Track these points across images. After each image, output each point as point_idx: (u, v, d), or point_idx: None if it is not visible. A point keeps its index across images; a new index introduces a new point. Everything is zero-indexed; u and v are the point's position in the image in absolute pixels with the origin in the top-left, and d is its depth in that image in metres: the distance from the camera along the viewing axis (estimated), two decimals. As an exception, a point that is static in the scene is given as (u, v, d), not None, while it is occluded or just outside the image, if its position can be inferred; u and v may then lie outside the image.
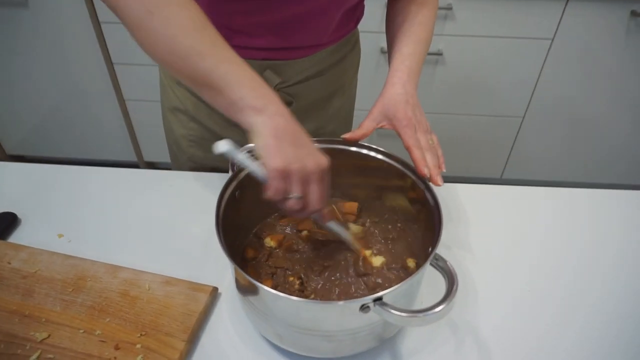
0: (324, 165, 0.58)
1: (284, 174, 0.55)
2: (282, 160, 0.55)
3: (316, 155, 0.58)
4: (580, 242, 0.85)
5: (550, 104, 1.85)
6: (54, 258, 0.78)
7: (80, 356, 0.65)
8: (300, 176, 0.56)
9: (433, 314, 0.52)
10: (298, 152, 0.56)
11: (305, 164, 0.56)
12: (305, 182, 0.57)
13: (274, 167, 0.55)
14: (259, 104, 0.56)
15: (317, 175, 0.57)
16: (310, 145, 0.59)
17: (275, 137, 0.56)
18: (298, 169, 0.55)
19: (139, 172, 0.99)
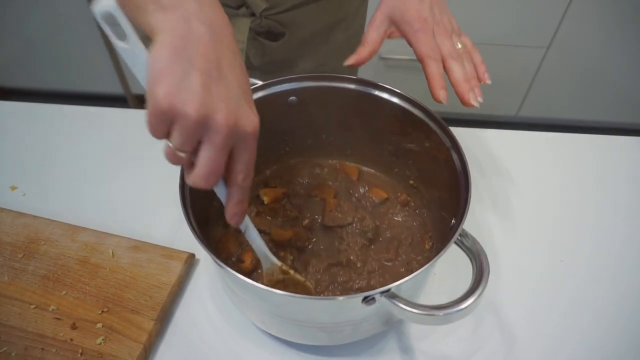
0: (246, 127, 0.37)
1: (168, 114, 0.34)
2: (172, 91, 0.34)
3: (241, 106, 0.36)
4: (621, 200, 0.72)
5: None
6: (3, 216, 0.66)
7: (31, 337, 0.55)
8: (189, 124, 0.34)
9: (457, 311, 0.41)
10: (209, 89, 0.35)
11: (212, 110, 0.35)
12: (198, 137, 0.36)
13: (154, 98, 0.34)
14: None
15: (223, 136, 0.35)
16: (238, 86, 0.37)
17: (176, 51, 0.34)
18: (193, 112, 0.34)
19: (107, 110, 0.84)
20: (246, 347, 0.56)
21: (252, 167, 0.40)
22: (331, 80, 0.58)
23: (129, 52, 0.36)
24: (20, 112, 0.84)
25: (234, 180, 0.40)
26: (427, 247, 0.58)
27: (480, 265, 0.43)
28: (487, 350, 0.56)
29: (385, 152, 0.64)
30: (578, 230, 0.68)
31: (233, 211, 0.42)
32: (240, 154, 0.38)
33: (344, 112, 0.60)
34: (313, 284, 0.55)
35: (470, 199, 0.47)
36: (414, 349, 0.56)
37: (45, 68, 1.97)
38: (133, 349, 0.54)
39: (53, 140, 0.79)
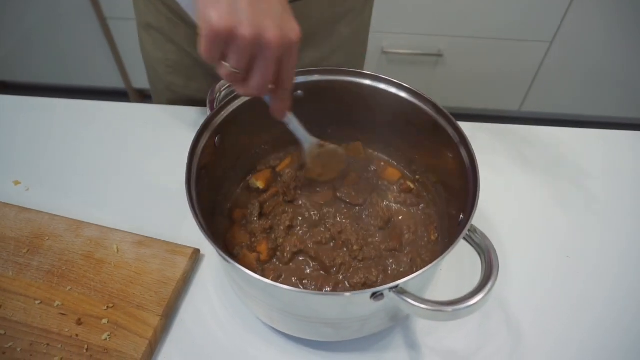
0: (291, 37, 0.40)
1: (223, 36, 0.37)
2: (225, 15, 0.36)
3: (283, 19, 0.39)
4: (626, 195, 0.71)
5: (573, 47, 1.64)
6: (6, 211, 0.66)
7: (36, 332, 0.55)
8: (245, 45, 0.38)
9: (466, 308, 0.40)
10: (256, 9, 0.37)
11: (263, 28, 0.38)
12: (252, 54, 0.39)
13: (208, 23, 0.37)
14: None
15: (274, 50, 0.39)
16: (279, 3, 0.40)
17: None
18: (247, 33, 0.37)
19: (111, 105, 0.84)
20: (252, 342, 0.56)
21: (295, 69, 0.44)
22: (338, 74, 0.57)
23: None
24: (23, 107, 0.83)
25: (282, 83, 0.44)
26: (433, 238, 0.58)
27: (489, 261, 0.43)
28: (493, 346, 0.56)
29: (391, 146, 0.64)
30: (584, 226, 0.68)
31: (279, 108, 0.47)
32: (287, 62, 0.42)
33: (350, 106, 0.60)
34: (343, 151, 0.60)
35: (478, 199, 0.46)
36: (420, 345, 0.56)
37: (46, 62, 1.96)
38: (139, 344, 0.53)
39: (56, 134, 0.79)
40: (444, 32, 1.66)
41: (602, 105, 1.89)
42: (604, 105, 1.89)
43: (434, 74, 1.79)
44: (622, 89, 1.81)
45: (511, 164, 0.75)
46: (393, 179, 0.64)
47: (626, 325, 0.58)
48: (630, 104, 1.88)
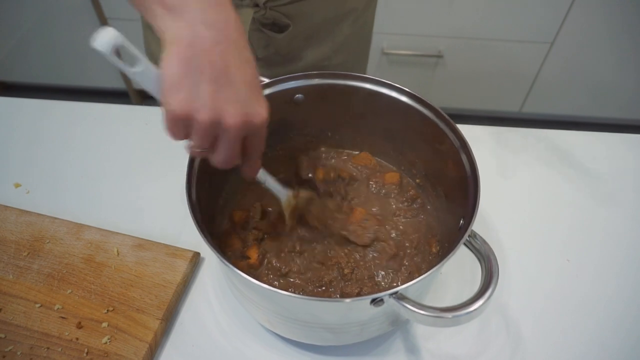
0: (255, 121, 0.41)
1: (182, 120, 0.38)
2: (184, 101, 0.37)
3: (247, 104, 0.40)
4: (627, 198, 0.71)
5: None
6: (7, 214, 0.66)
7: (36, 336, 0.55)
8: (204, 129, 0.39)
9: (466, 314, 0.40)
10: (218, 95, 0.38)
11: (222, 114, 0.38)
12: (212, 137, 0.40)
13: (169, 108, 0.38)
14: (172, 0, 0.37)
15: (234, 133, 0.40)
16: (246, 85, 0.39)
17: (185, 61, 0.37)
18: (205, 119, 0.38)
19: (111, 107, 0.84)
20: (252, 346, 0.56)
21: (263, 145, 0.46)
22: (338, 78, 0.57)
23: (142, 74, 0.39)
24: (24, 109, 0.83)
25: (249, 157, 0.47)
26: (434, 250, 0.58)
27: (489, 267, 0.43)
28: (493, 351, 0.56)
29: (391, 150, 0.64)
30: (584, 229, 0.68)
31: (248, 172, 0.50)
32: (252, 140, 0.44)
33: (350, 110, 0.60)
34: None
35: (479, 205, 0.46)
36: (420, 349, 0.56)
37: (46, 63, 1.96)
38: (139, 348, 0.54)
39: (57, 137, 0.79)
40: (444, 33, 1.66)
41: (602, 106, 1.89)
42: (605, 106, 1.89)
43: (434, 75, 1.79)
44: (623, 90, 1.81)
45: (511, 167, 0.75)
46: (393, 181, 0.64)
47: (627, 329, 0.58)
48: (631, 106, 1.88)
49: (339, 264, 0.56)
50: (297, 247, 0.57)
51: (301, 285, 0.55)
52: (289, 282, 0.55)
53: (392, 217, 0.61)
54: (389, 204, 0.62)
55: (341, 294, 0.54)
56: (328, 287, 0.55)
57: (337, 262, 0.56)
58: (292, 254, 0.57)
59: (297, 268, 0.56)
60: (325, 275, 0.55)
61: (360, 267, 0.56)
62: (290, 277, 0.55)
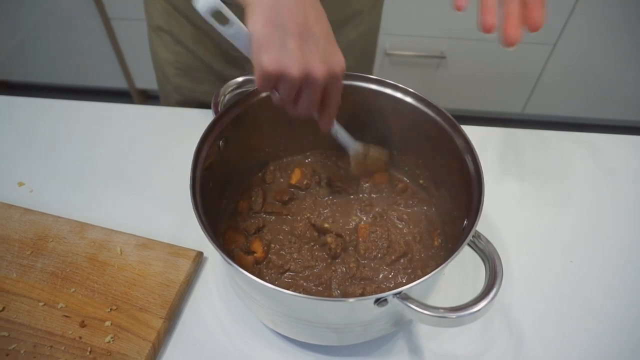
0: (335, 70, 0.44)
1: (274, 77, 0.42)
2: (275, 59, 0.41)
3: (328, 54, 0.43)
4: (630, 200, 0.71)
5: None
6: (11, 212, 0.66)
7: (40, 334, 0.55)
8: (294, 83, 0.43)
9: (470, 314, 0.40)
10: (303, 48, 0.41)
11: (309, 68, 0.42)
12: (301, 89, 0.44)
13: (261, 66, 0.41)
14: None
15: (320, 83, 0.44)
16: (324, 37, 0.43)
17: (271, 22, 0.41)
18: (296, 74, 0.42)
19: (115, 106, 0.84)
20: (255, 346, 0.56)
21: (340, 93, 0.48)
22: (344, 78, 0.57)
23: (234, 34, 0.43)
24: (27, 108, 0.83)
25: (328, 107, 0.49)
26: (436, 243, 0.58)
27: (493, 267, 0.43)
28: (496, 351, 0.56)
29: (395, 151, 0.64)
30: (587, 231, 0.67)
31: (326, 124, 0.52)
32: (332, 90, 0.47)
33: (355, 110, 0.60)
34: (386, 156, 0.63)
35: (482, 206, 0.46)
36: (422, 349, 0.56)
37: (49, 62, 1.96)
38: (142, 347, 0.54)
39: (60, 136, 0.79)
40: (447, 34, 1.66)
41: (605, 108, 1.89)
42: (607, 108, 1.88)
43: (437, 75, 1.79)
44: (625, 92, 1.81)
45: (514, 168, 0.75)
46: (383, 181, 0.64)
47: (630, 330, 0.58)
48: (634, 107, 1.87)
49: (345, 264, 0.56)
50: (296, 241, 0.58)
51: (302, 284, 0.55)
52: (290, 280, 0.55)
53: (391, 212, 0.61)
54: (384, 201, 0.63)
55: (343, 294, 0.54)
56: (329, 285, 0.55)
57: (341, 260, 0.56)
58: (293, 249, 0.57)
59: (296, 266, 0.56)
60: (325, 274, 0.55)
61: (364, 266, 0.56)
62: (291, 272, 0.55)
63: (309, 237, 0.58)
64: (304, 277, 0.55)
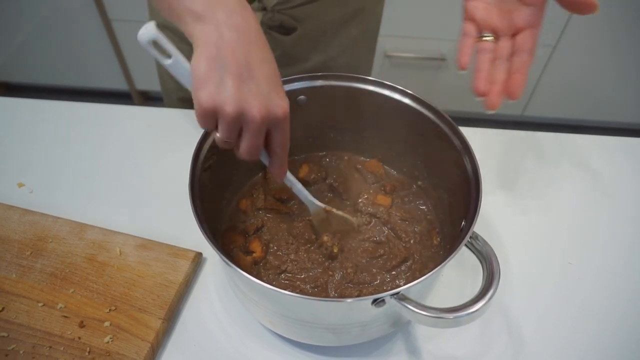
0: (276, 114, 0.44)
1: (210, 113, 0.42)
2: (211, 95, 0.41)
3: (269, 97, 0.43)
4: (629, 202, 0.71)
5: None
6: (10, 213, 0.66)
7: (39, 335, 0.55)
8: (230, 121, 0.42)
9: (467, 315, 0.40)
10: (241, 89, 0.42)
11: (246, 107, 0.42)
12: (237, 128, 0.44)
13: (198, 101, 0.42)
14: (199, 6, 0.42)
15: (258, 125, 0.43)
16: (266, 80, 0.43)
17: (212, 59, 0.41)
18: (230, 112, 0.42)
19: (114, 108, 0.84)
20: (253, 347, 0.56)
21: (288, 140, 0.48)
22: (342, 80, 0.57)
23: (175, 66, 0.43)
24: (27, 109, 0.83)
25: (273, 152, 0.49)
26: (435, 242, 0.58)
27: (491, 268, 0.43)
28: (494, 352, 0.56)
29: (393, 152, 0.64)
30: (586, 232, 0.68)
31: (277, 173, 0.51)
32: (275, 133, 0.46)
33: (353, 111, 0.60)
34: (355, 221, 0.60)
35: (480, 208, 0.47)
36: (421, 350, 0.56)
37: (50, 64, 1.97)
38: (141, 347, 0.54)
39: (60, 137, 0.79)
40: (447, 36, 1.66)
41: (604, 110, 1.89)
42: (606, 110, 1.89)
43: (437, 77, 1.79)
44: (625, 94, 1.81)
45: (513, 170, 0.75)
46: (376, 170, 0.65)
47: (628, 331, 0.58)
48: (633, 110, 1.87)
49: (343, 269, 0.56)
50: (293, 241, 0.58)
51: (299, 285, 0.55)
52: (287, 281, 0.56)
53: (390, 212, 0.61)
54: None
55: (340, 296, 0.54)
56: (325, 288, 0.55)
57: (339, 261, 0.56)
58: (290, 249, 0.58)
59: (293, 267, 0.56)
60: (322, 277, 0.55)
61: (361, 270, 0.56)
62: (288, 273, 0.56)
63: (307, 239, 0.58)
64: (300, 279, 0.56)
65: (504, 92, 0.51)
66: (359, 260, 0.57)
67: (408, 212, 0.61)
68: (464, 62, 0.54)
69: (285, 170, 0.52)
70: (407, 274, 0.56)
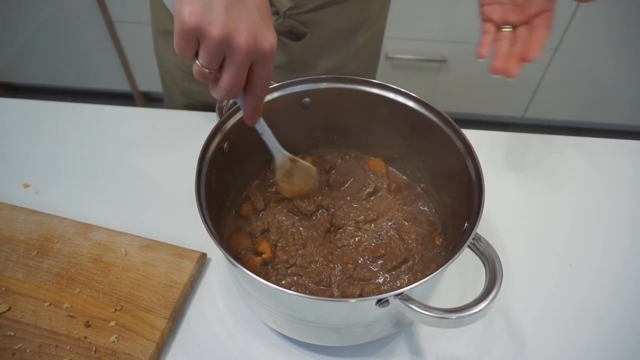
0: (263, 46, 0.40)
1: (193, 33, 0.38)
2: (197, 12, 0.37)
3: (258, 27, 0.40)
4: (630, 204, 0.72)
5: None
6: (16, 213, 0.67)
7: (45, 334, 0.56)
8: (214, 45, 0.38)
9: (469, 315, 0.41)
10: (230, 12, 0.38)
11: (233, 31, 0.38)
12: (220, 56, 0.40)
13: (181, 18, 0.38)
14: None
15: (243, 55, 0.39)
16: (257, 9, 0.40)
17: None
18: (216, 34, 0.38)
19: (119, 109, 0.85)
20: (257, 347, 0.56)
21: (269, 81, 0.44)
22: (345, 82, 0.58)
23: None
24: (33, 110, 0.84)
25: (253, 91, 0.44)
26: (437, 243, 0.59)
27: (493, 269, 0.44)
28: (496, 353, 0.56)
29: (396, 154, 0.65)
30: (587, 234, 0.68)
31: (250, 114, 0.47)
32: (259, 70, 0.42)
33: (357, 114, 0.61)
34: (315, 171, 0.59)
35: (482, 210, 0.47)
36: (423, 351, 0.56)
37: (52, 65, 1.97)
38: (146, 347, 0.54)
39: (65, 138, 0.80)
40: (448, 38, 1.67)
41: (605, 113, 1.89)
42: (608, 113, 1.89)
43: (438, 79, 1.80)
44: (626, 97, 1.82)
45: (514, 172, 0.75)
46: (379, 170, 0.65)
47: (629, 332, 0.58)
48: (635, 112, 1.88)
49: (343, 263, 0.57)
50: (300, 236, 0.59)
51: (304, 282, 0.56)
52: (291, 279, 0.56)
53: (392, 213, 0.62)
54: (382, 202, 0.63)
55: (342, 294, 0.55)
56: (329, 284, 0.55)
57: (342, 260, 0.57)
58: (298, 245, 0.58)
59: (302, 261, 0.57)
60: (325, 272, 0.56)
61: (361, 267, 0.57)
62: (297, 267, 0.56)
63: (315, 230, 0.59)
64: (306, 274, 0.56)
65: (520, 59, 0.55)
66: (359, 258, 0.58)
67: (410, 212, 0.62)
68: (483, 52, 0.58)
69: (260, 112, 0.48)
70: (408, 275, 0.57)
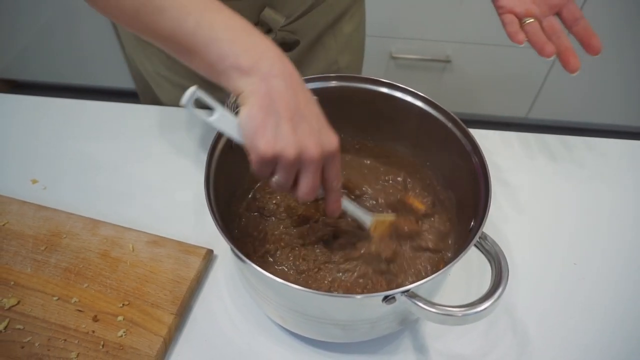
0: (330, 148, 0.45)
1: (272, 160, 0.43)
2: (271, 142, 0.42)
3: (321, 134, 0.44)
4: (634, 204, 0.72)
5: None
6: (25, 209, 0.68)
7: (54, 328, 0.56)
8: (290, 165, 0.43)
9: (475, 313, 0.42)
10: (297, 131, 0.43)
11: (304, 148, 0.43)
12: (295, 171, 0.45)
13: (257, 151, 0.42)
14: (245, 61, 0.43)
15: (316, 164, 0.44)
16: (315, 118, 0.45)
17: (265, 108, 0.42)
18: (291, 155, 0.42)
19: (126, 106, 0.85)
20: (263, 342, 0.57)
21: (340, 173, 0.48)
22: (354, 81, 0.59)
23: (220, 121, 0.45)
24: (41, 107, 0.85)
25: (329, 186, 0.49)
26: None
27: (499, 268, 0.44)
28: (500, 351, 0.57)
29: (403, 152, 0.65)
30: (591, 233, 0.69)
31: (332, 208, 0.51)
32: (330, 168, 0.47)
33: (364, 113, 0.61)
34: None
35: (489, 211, 0.48)
36: (428, 348, 0.57)
37: (57, 62, 1.98)
38: (153, 342, 0.55)
39: (73, 134, 0.80)
40: (452, 38, 1.67)
41: (609, 113, 1.89)
42: (611, 113, 1.89)
43: (442, 79, 1.80)
44: (629, 97, 1.82)
45: (518, 171, 0.76)
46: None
47: (632, 331, 0.59)
48: (638, 113, 1.88)
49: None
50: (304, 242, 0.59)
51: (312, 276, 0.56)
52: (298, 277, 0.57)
53: None
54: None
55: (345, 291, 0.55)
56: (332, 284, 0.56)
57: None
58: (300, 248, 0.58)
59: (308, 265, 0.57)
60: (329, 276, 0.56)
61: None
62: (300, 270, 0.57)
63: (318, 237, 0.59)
64: (311, 276, 0.56)
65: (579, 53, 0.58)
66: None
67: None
68: (521, 38, 0.60)
69: (341, 203, 0.52)
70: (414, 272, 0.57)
